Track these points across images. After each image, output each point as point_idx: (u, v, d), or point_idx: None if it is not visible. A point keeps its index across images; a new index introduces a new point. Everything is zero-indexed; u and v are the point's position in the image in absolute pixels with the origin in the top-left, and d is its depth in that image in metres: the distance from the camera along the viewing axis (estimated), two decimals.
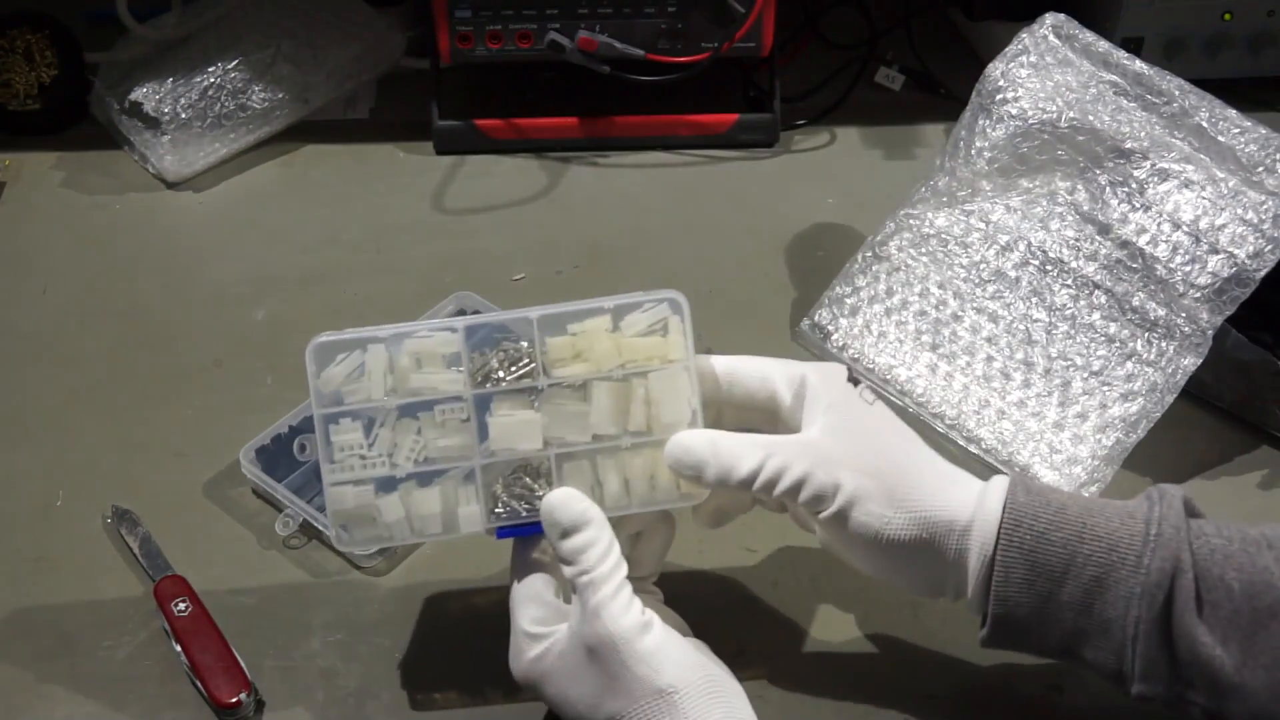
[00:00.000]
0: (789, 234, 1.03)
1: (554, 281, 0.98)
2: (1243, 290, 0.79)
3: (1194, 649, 0.60)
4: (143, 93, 1.08)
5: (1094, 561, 0.62)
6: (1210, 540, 0.62)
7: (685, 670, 0.61)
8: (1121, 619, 0.61)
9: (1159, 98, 0.83)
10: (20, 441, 0.85)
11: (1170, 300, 0.80)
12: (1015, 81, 0.84)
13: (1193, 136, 0.82)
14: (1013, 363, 0.83)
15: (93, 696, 0.70)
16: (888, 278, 0.87)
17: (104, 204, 1.06)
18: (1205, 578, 0.61)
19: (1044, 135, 0.83)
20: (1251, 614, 0.60)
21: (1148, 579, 0.61)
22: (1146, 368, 0.81)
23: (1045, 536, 0.62)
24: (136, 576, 0.76)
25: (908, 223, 0.88)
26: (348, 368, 0.66)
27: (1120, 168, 0.82)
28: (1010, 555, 0.62)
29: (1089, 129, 0.82)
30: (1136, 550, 0.61)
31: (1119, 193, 0.82)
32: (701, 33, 1.06)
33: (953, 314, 0.85)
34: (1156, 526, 0.61)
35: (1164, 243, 0.80)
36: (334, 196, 1.07)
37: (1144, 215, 0.81)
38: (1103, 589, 0.62)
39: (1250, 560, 0.61)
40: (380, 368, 0.65)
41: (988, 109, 0.84)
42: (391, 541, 0.67)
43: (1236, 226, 0.79)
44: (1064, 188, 0.84)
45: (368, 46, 1.15)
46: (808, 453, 0.64)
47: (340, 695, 0.70)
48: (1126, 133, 0.82)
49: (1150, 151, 0.81)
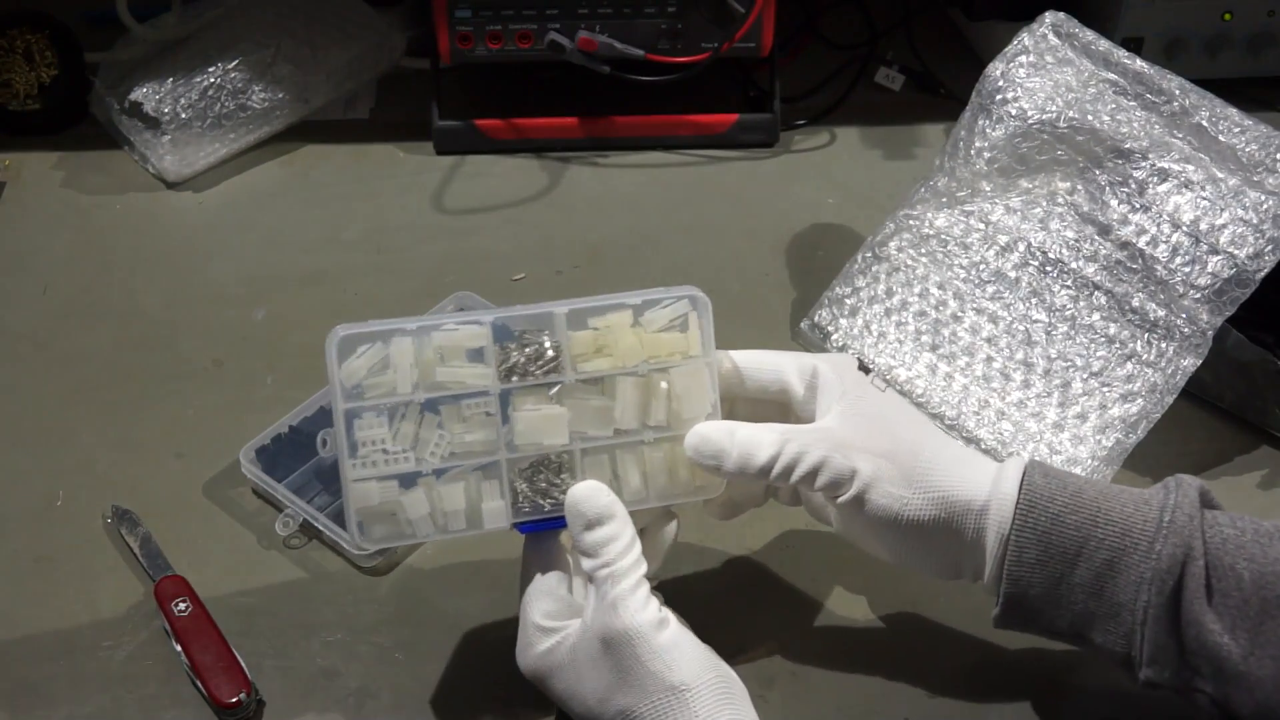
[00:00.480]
0: (789, 234, 1.03)
1: (554, 281, 0.98)
2: (1243, 291, 0.79)
3: (1202, 636, 0.61)
4: (143, 93, 1.08)
5: (1107, 545, 0.62)
6: (1223, 530, 0.62)
7: (698, 668, 0.61)
8: (1131, 603, 0.62)
9: (1159, 97, 0.83)
10: (20, 441, 0.85)
11: (1170, 301, 0.80)
12: (1015, 81, 0.84)
13: (1193, 136, 0.82)
14: (1012, 363, 0.83)
15: (93, 696, 0.70)
16: (887, 278, 0.87)
17: (104, 204, 1.06)
18: (1216, 566, 0.61)
19: (1044, 135, 0.83)
20: (1261, 604, 0.60)
21: (1158, 564, 0.61)
22: (1146, 368, 0.81)
23: (1060, 519, 0.63)
24: (136, 576, 0.76)
25: (907, 223, 0.88)
26: (369, 360, 0.65)
27: (1120, 168, 0.82)
28: (1025, 536, 0.63)
29: (1088, 129, 0.82)
30: (1149, 536, 0.62)
31: (1119, 193, 0.82)
32: (701, 33, 1.06)
33: (952, 314, 0.85)
34: (1170, 514, 0.62)
35: (1164, 243, 0.80)
36: (334, 196, 1.07)
37: (1144, 216, 0.81)
38: (1114, 573, 0.62)
39: (1262, 550, 0.61)
40: (406, 361, 0.65)
41: (987, 109, 0.84)
42: (412, 539, 0.67)
43: (1236, 227, 0.79)
44: (1064, 188, 0.84)
45: (368, 46, 1.15)
46: (824, 439, 0.65)
47: (340, 695, 0.70)
48: (1126, 133, 0.82)
49: (1150, 151, 0.81)
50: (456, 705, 0.70)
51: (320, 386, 0.82)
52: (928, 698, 0.70)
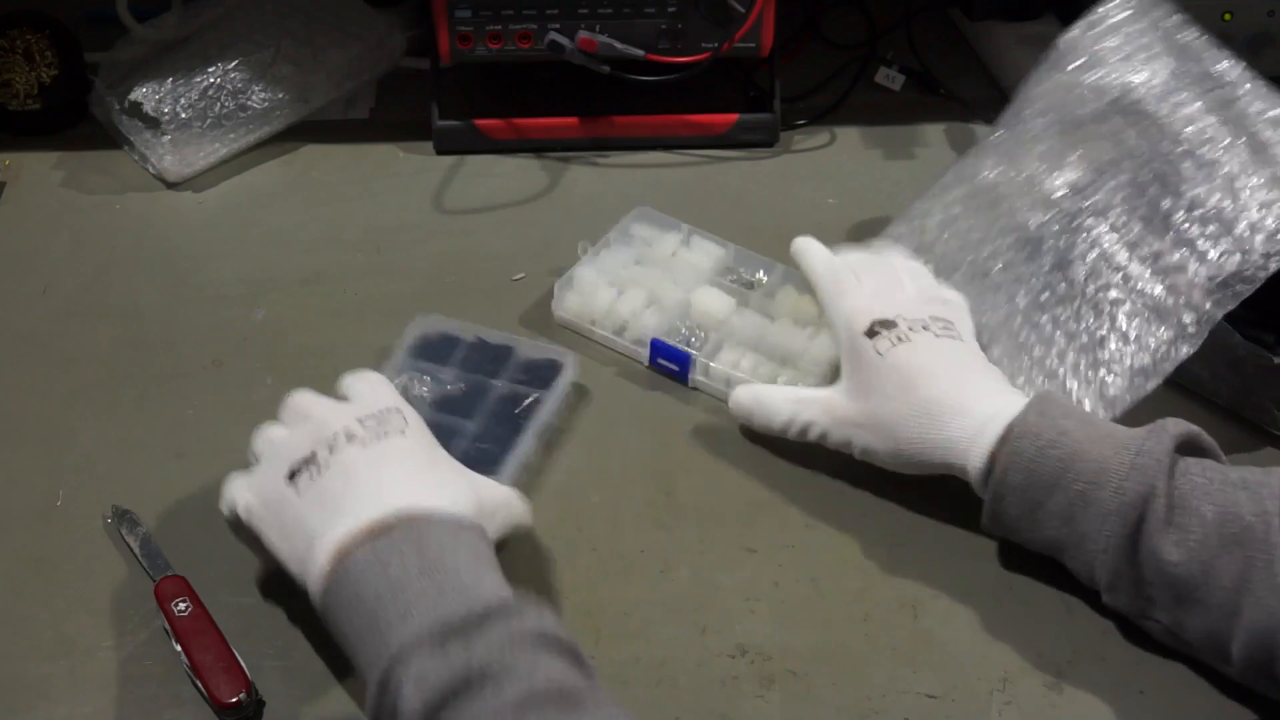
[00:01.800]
0: (789, 234, 1.02)
1: (556, 276, 0.98)
2: (1247, 286, 0.79)
3: (1160, 567, 0.68)
4: (143, 93, 1.08)
5: (1082, 479, 0.69)
6: (1193, 477, 0.69)
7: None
8: (1096, 533, 0.69)
9: (1212, 82, 0.84)
10: (20, 441, 0.85)
11: (1176, 286, 0.80)
12: (1085, 49, 0.88)
13: (1236, 125, 0.83)
14: (1017, 316, 0.85)
15: (93, 696, 0.70)
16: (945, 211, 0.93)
17: (104, 204, 1.06)
18: (1181, 505, 0.68)
19: (1100, 105, 0.86)
20: (1219, 539, 0.67)
21: (1123, 499, 0.68)
22: (1138, 349, 0.81)
23: (1044, 451, 0.70)
24: (136, 576, 0.76)
25: (965, 172, 0.93)
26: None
27: (1163, 149, 0.83)
28: (1011, 460, 0.71)
29: (1139, 107, 0.85)
30: (1120, 475, 0.68)
31: (1158, 174, 0.83)
32: (701, 33, 1.06)
33: (984, 256, 0.88)
34: (1141, 457, 0.68)
35: (1188, 228, 0.81)
36: (334, 196, 1.07)
37: (1174, 200, 0.82)
38: (1085, 505, 0.69)
39: (1225, 496, 0.68)
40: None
41: (1052, 75, 0.89)
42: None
43: (1257, 220, 0.79)
44: (1108, 159, 0.86)
45: (368, 46, 1.15)
46: (826, 412, 0.79)
47: (340, 695, 0.70)
48: (1176, 116, 0.84)
49: (1195, 138, 0.83)
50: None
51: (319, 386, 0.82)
52: (928, 698, 0.70)
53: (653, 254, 0.96)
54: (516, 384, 0.85)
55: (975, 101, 1.17)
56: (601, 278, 0.93)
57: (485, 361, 0.87)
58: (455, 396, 0.84)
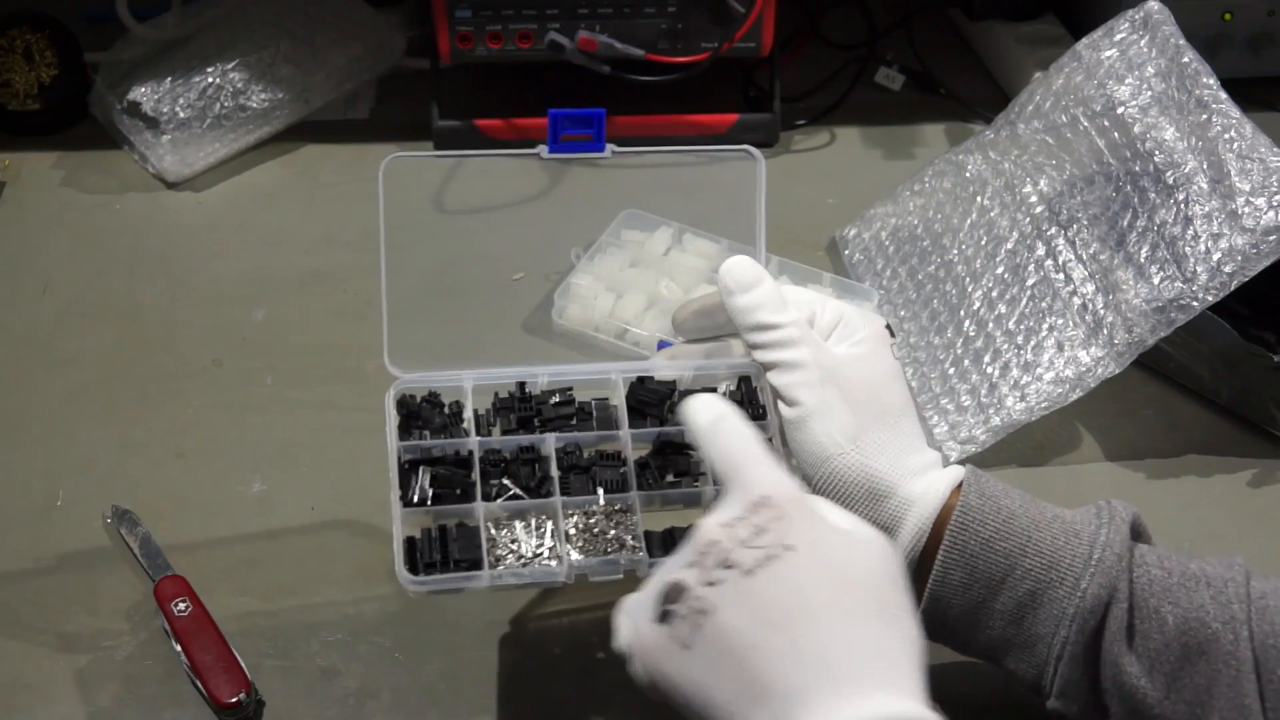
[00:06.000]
0: (789, 234, 1.03)
1: (554, 282, 0.98)
2: (1183, 315, 0.79)
3: (1119, 677, 0.60)
4: (142, 93, 1.08)
5: (1032, 576, 0.62)
6: (1150, 570, 0.62)
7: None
8: (1049, 636, 0.62)
9: (1196, 109, 0.84)
10: (20, 441, 0.85)
11: (1116, 304, 0.81)
12: (1085, 59, 0.90)
13: (1204, 156, 0.83)
14: (963, 310, 0.88)
15: (93, 696, 0.70)
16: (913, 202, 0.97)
17: (104, 204, 1.05)
18: (1140, 608, 0.61)
19: (1084, 117, 0.88)
20: (1182, 649, 0.60)
21: (1082, 603, 0.61)
22: (1066, 361, 0.82)
23: (989, 544, 0.62)
24: (136, 576, 0.76)
25: (953, 159, 0.96)
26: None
27: (1134, 168, 0.84)
28: (951, 557, 0.62)
29: (1120, 123, 0.86)
30: (1075, 572, 0.61)
31: (1123, 192, 0.83)
32: (701, 33, 1.06)
33: (938, 248, 0.92)
34: (1100, 550, 0.61)
35: (1138, 250, 0.82)
36: (334, 196, 1.07)
37: (1132, 219, 0.83)
38: (1036, 605, 0.62)
39: (1187, 595, 0.61)
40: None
41: (1049, 80, 0.92)
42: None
43: (1204, 252, 0.79)
44: (1081, 173, 0.87)
45: (368, 46, 1.15)
46: (821, 358, 0.65)
47: (340, 695, 0.70)
48: (1150, 136, 0.84)
49: (1163, 162, 0.83)
50: (456, 705, 0.70)
51: (320, 386, 0.82)
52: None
53: (645, 255, 0.96)
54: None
55: (975, 101, 1.17)
56: (599, 284, 0.93)
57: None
58: None
